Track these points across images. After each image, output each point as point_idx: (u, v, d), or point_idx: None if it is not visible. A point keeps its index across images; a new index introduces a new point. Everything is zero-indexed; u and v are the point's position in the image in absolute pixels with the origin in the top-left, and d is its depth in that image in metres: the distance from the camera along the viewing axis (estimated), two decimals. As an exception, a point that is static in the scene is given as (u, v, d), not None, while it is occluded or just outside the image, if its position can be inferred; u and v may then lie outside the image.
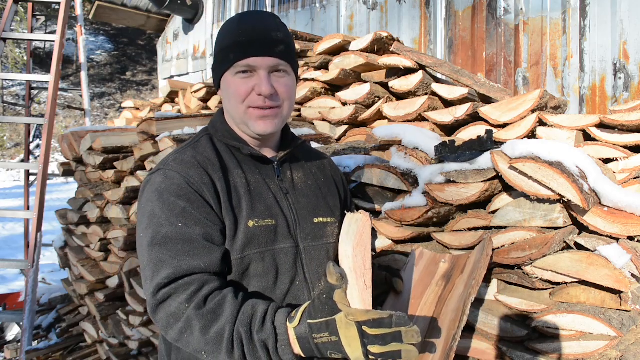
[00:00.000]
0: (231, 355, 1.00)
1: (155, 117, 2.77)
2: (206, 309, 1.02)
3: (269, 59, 1.19)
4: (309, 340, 0.96)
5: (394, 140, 2.00)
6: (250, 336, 0.99)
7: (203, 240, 1.10)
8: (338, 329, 0.93)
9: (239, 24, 1.22)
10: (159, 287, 1.05)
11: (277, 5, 6.66)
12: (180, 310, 1.03)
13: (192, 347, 1.03)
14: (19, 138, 16.62)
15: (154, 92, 19.71)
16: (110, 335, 3.46)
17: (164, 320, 1.04)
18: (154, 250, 1.08)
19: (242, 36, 1.18)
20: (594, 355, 1.36)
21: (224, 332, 1.00)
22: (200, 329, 1.01)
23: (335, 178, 1.49)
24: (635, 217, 1.37)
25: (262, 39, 1.19)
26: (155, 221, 1.11)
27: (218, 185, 1.18)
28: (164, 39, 9.31)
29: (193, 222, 1.11)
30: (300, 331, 0.97)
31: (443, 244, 1.76)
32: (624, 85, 3.52)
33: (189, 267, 1.06)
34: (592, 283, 1.39)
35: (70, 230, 3.93)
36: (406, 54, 2.66)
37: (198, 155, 1.23)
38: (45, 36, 5.58)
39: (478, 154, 1.66)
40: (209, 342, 1.00)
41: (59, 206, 4.68)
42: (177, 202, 1.12)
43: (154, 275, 1.06)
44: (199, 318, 1.01)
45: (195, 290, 1.04)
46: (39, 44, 18.44)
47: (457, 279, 1.36)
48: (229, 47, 1.20)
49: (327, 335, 0.94)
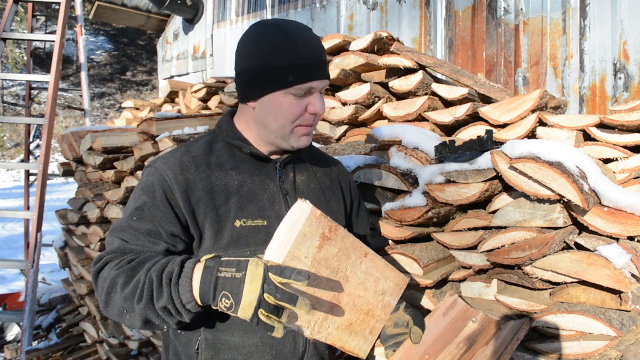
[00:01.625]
0: (139, 302, 1.04)
1: (155, 117, 2.77)
2: (128, 266, 1.09)
3: (324, 81, 1.24)
4: (212, 272, 1.00)
5: (394, 140, 2.00)
6: (160, 277, 1.04)
7: (149, 235, 1.16)
8: (247, 266, 0.98)
9: (293, 42, 1.18)
10: (100, 257, 1.15)
11: (277, 5, 6.66)
12: (110, 273, 1.10)
13: (117, 308, 1.08)
14: (19, 138, 16.62)
15: (154, 92, 19.72)
16: (110, 335, 3.46)
17: (99, 285, 1.11)
18: (110, 234, 1.19)
19: (303, 59, 1.18)
20: (594, 355, 1.36)
21: (139, 283, 1.05)
22: (121, 285, 1.06)
23: (341, 183, 1.49)
24: (635, 217, 1.38)
25: (320, 62, 1.22)
26: (125, 211, 1.23)
27: (198, 185, 1.20)
28: (164, 39, 9.31)
29: (147, 218, 1.16)
30: (209, 263, 1.03)
31: (443, 244, 1.76)
32: (624, 85, 3.52)
33: (130, 248, 1.14)
34: (592, 283, 1.39)
35: (70, 230, 3.94)
36: (406, 54, 2.66)
37: (185, 155, 1.25)
38: (45, 36, 5.58)
39: (478, 154, 1.66)
40: (127, 297, 1.05)
41: (59, 206, 4.68)
42: (142, 197, 1.19)
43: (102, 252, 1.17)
44: (121, 275, 1.07)
45: (128, 259, 1.12)
46: (39, 44, 18.45)
47: (480, 349, 1.27)
48: (288, 67, 1.17)
49: (233, 271, 0.99)
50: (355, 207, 1.54)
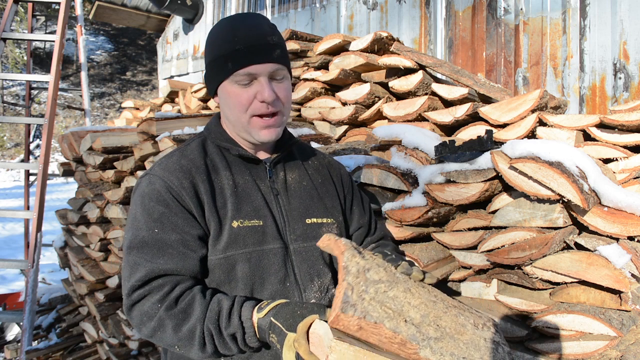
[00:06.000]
0: (204, 350, 1.08)
1: (155, 117, 2.77)
2: (177, 309, 1.08)
3: (269, 65, 1.17)
4: (266, 334, 1.04)
5: (394, 140, 2.00)
6: (219, 332, 1.07)
7: (178, 245, 1.14)
8: (284, 344, 0.98)
9: (233, 30, 1.18)
10: (133, 288, 1.11)
11: (277, 5, 6.66)
12: (153, 310, 1.09)
13: (165, 343, 1.10)
14: (19, 138, 16.62)
15: (154, 92, 19.72)
16: (110, 335, 3.46)
17: (138, 318, 1.11)
18: (131, 253, 1.14)
19: (239, 44, 1.15)
20: (594, 355, 1.36)
21: (195, 330, 1.07)
22: (173, 328, 1.08)
23: (334, 178, 1.46)
24: (635, 217, 1.37)
25: (260, 45, 1.16)
26: (135, 225, 1.16)
27: (201, 187, 1.19)
28: (164, 39, 9.31)
29: (170, 227, 1.14)
30: (262, 323, 1.05)
31: (443, 244, 1.76)
32: (624, 85, 3.52)
33: (162, 270, 1.12)
34: (592, 283, 1.39)
35: (70, 230, 3.93)
36: (406, 54, 2.66)
37: (183, 159, 1.24)
38: (45, 36, 5.57)
39: (478, 154, 1.66)
40: (181, 339, 1.08)
41: (59, 206, 4.68)
42: (156, 207, 1.15)
43: (130, 277, 1.12)
44: (170, 318, 1.08)
45: (167, 291, 1.10)
46: (39, 44, 18.45)
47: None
48: (226, 55, 1.17)
49: (276, 340, 1.01)
50: (349, 201, 1.49)
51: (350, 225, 1.47)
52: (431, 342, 0.89)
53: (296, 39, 3.24)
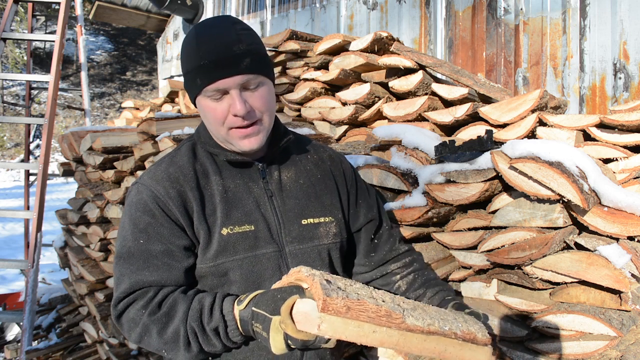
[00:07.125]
0: (189, 350, 1.09)
1: (155, 117, 2.77)
2: (160, 314, 1.10)
3: (237, 78, 1.11)
4: (249, 324, 1.04)
5: (394, 140, 2.01)
6: (202, 328, 1.08)
7: (163, 256, 1.15)
8: (270, 329, 0.98)
9: (197, 44, 1.13)
10: (118, 299, 1.14)
11: (277, 5, 6.66)
12: (138, 316, 1.11)
13: (152, 348, 1.12)
14: (19, 138, 16.62)
15: (154, 92, 19.72)
16: (110, 335, 3.46)
17: (125, 326, 1.14)
18: (118, 263, 1.17)
19: (204, 58, 1.11)
20: (594, 355, 1.36)
21: (179, 331, 1.08)
22: (157, 332, 1.10)
23: (335, 172, 1.39)
24: (635, 217, 1.37)
25: (227, 57, 1.10)
26: (122, 234, 1.18)
27: (190, 195, 1.18)
28: (164, 39, 9.31)
29: (155, 238, 1.15)
30: (244, 314, 1.05)
31: (443, 244, 1.76)
32: (624, 85, 3.52)
33: (147, 282, 1.14)
34: (592, 283, 1.39)
35: (70, 230, 3.94)
36: (406, 54, 2.66)
37: (172, 166, 1.22)
38: (45, 36, 5.58)
39: (478, 154, 1.66)
40: (167, 342, 1.10)
41: (59, 206, 4.68)
42: (143, 217, 1.16)
43: (116, 288, 1.16)
44: (154, 323, 1.10)
45: (151, 296, 1.12)
46: (39, 44, 18.45)
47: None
48: (193, 71, 1.13)
49: (261, 328, 1.01)
50: (353, 195, 1.41)
51: (358, 219, 1.40)
52: (409, 312, 1.00)
53: (296, 39, 3.24)
